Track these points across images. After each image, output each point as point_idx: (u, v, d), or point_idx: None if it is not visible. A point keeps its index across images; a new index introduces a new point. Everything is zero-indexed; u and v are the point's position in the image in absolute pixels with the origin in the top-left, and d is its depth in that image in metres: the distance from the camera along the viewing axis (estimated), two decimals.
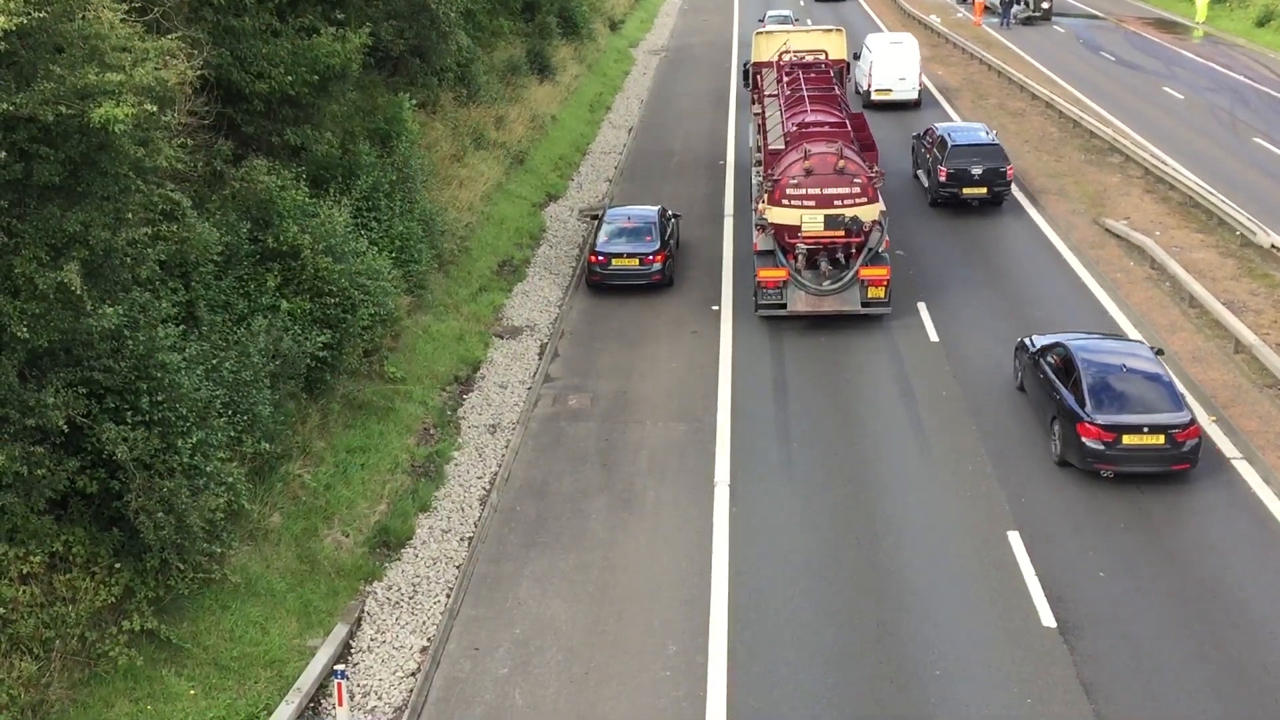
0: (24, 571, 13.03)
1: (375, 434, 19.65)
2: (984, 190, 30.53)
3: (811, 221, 23.08)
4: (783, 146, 25.12)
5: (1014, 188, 32.60)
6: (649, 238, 26.93)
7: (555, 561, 17.17)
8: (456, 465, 19.74)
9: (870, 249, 23.57)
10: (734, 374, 22.70)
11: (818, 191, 23.12)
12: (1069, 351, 19.30)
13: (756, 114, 31.18)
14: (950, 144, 30.84)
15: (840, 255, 23.63)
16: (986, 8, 63.88)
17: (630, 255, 26.45)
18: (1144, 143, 37.37)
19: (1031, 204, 32.02)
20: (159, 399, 14.17)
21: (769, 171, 24.68)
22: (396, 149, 24.45)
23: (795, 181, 23.24)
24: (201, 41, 18.39)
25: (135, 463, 13.68)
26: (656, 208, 28.22)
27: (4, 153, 12.06)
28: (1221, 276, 26.38)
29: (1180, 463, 18.23)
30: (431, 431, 20.62)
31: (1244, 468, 18.97)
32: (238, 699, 13.97)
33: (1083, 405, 18.35)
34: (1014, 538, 17.19)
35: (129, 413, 13.95)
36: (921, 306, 25.26)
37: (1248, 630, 15.22)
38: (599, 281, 26.70)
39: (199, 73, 17.68)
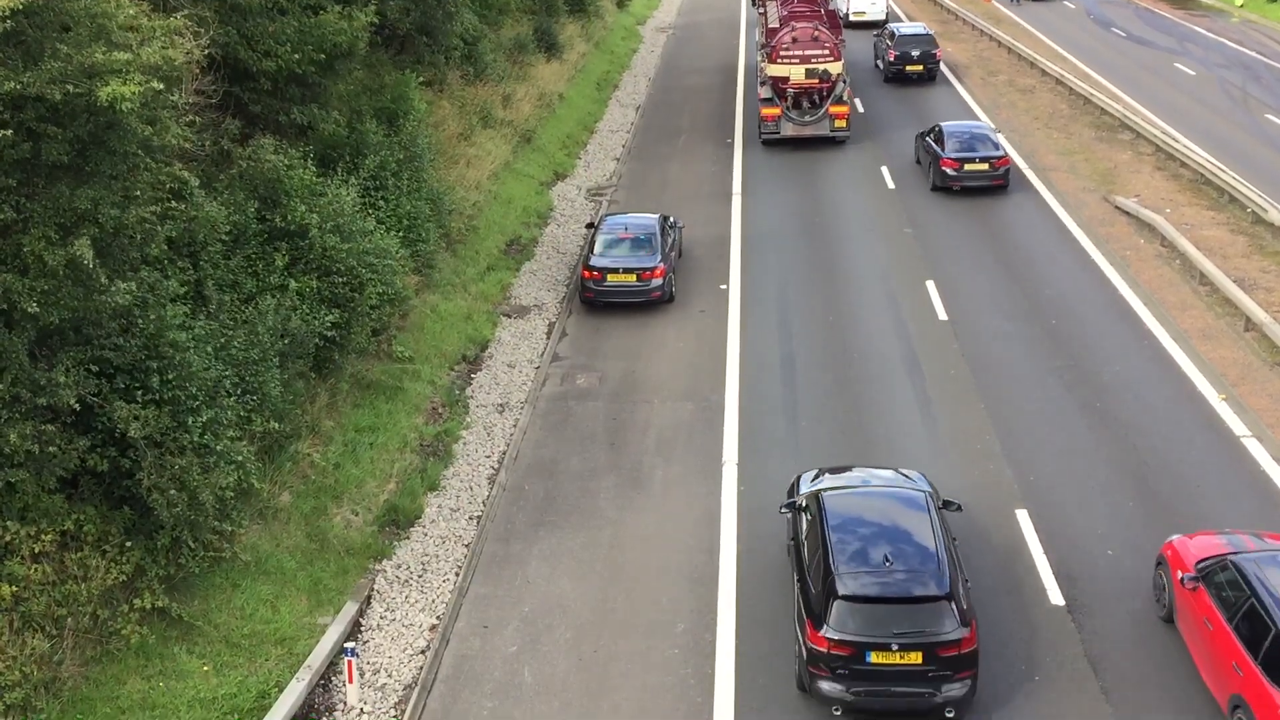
0: (36, 550, 13.10)
1: (384, 413, 19.68)
2: (921, 68, 42.61)
3: (797, 73, 34.31)
4: (778, 26, 36.12)
5: (1023, 164, 32.96)
6: (648, 250, 24.59)
7: (564, 540, 17.21)
8: (465, 444, 19.77)
9: (836, 94, 34.78)
10: (742, 353, 22.68)
11: (801, 53, 34.41)
12: (940, 128, 31.64)
13: (761, 14, 41.77)
14: (897, 35, 43.55)
15: (816, 97, 34.93)
16: None
17: (627, 270, 24.17)
18: (1155, 119, 37.16)
19: (1041, 181, 31.88)
20: (169, 377, 14.21)
21: (769, 41, 36.07)
22: (403, 128, 24.39)
23: (786, 46, 34.58)
24: (208, 20, 18.34)
25: (146, 441, 13.73)
26: (656, 216, 26.07)
27: (12, 132, 12.05)
28: (1232, 254, 26.25)
29: (996, 179, 30.30)
30: (440, 410, 20.65)
31: (1254, 445, 18.92)
32: (249, 676, 14.05)
33: (943, 150, 30.59)
34: (1022, 516, 17.19)
35: (140, 391, 14.00)
36: (930, 285, 25.20)
37: None
38: (593, 299, 24.44)
39: (206, 51, 17.65)
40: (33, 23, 12.48)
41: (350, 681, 14.06)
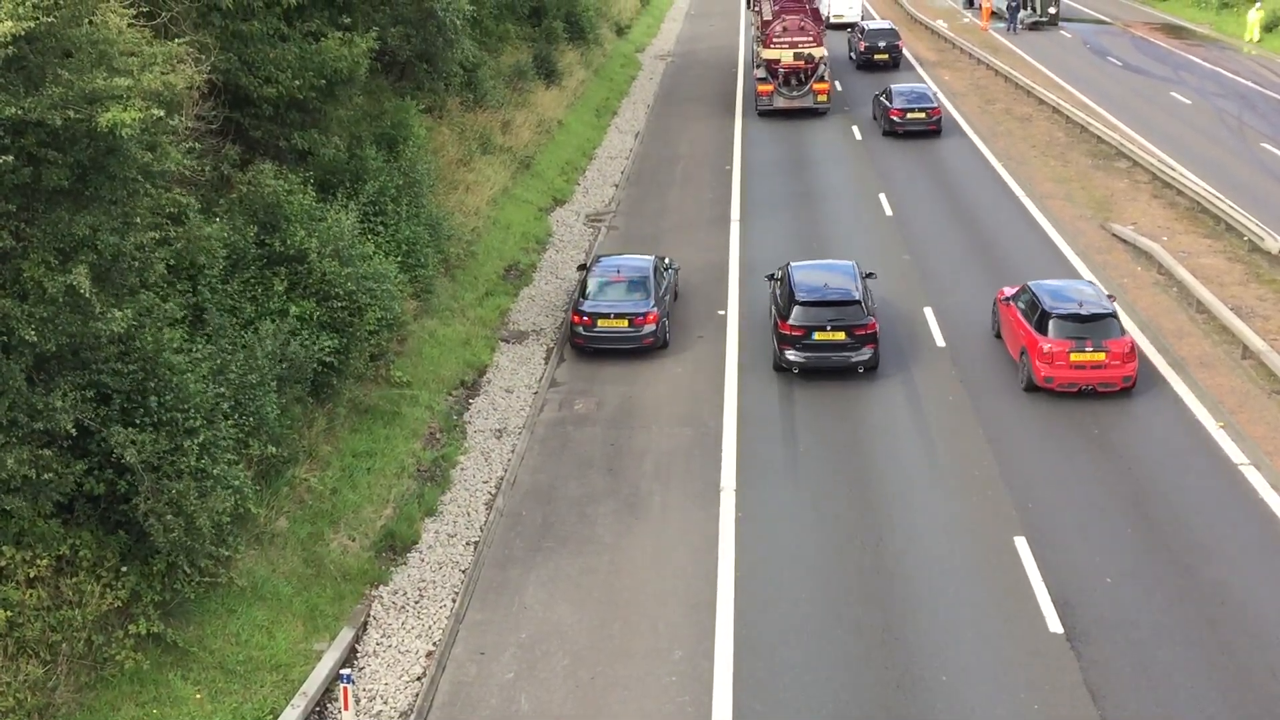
0: (31, 575, 13.04)
1: (381, 438, 19.66)
2: (886, 56, 50.86)
3: (786, 56, 42.50)
4: (771, 19, 43.45)
5: (1020, 192, 33.09)
6: (641, 294, 23.54)
7: (561, 566, 17.16)
8: (462, 470, 19.74)
9: (819, 74, 42.76)
10: (740, 378, 22.67)
11: (790, 40, 42.28)
12: (890, 88, 40.81)
13: (756, 10, 48.35)
14: (866, 29, 52.59)
15: (802, 75, 42.82)
16: (993, 13, 63.84)
17: (619, 315, 23.18)
18: (1151, 148, 37.32)
19: (1038, 209, 31.98)
20: (166, 399, 14.19)
21: (764, 32, 43.51)
22: (403, 154, 24.47)
23: (778, 35, 42.37)
24: (209, 46, 18.44)
25: (143, 465, 13.70)
26: (651, 258, 25.10)
27: (12, 157, 12.09)
28: (1229, 282, 26.31)
29: (930, 125, 39.12)
30: (437, 436, 20.62)
31: (1252, 473, 18.91)
32: (244, 703, 13.97)
33: (891, 104, 39.61)
34: (1020, 543, 17.15)
35: (138, 413, 13.97)
36: (928, 311, 25.22)
37: (1255, 635, 15.17)
38: (582, 345, 23.51)
39: (206, 77, 17.73)
40: (35, 48, 12.54)
41: (346, 709, 13.96)
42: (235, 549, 14.98)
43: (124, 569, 13.87)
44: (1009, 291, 23.64)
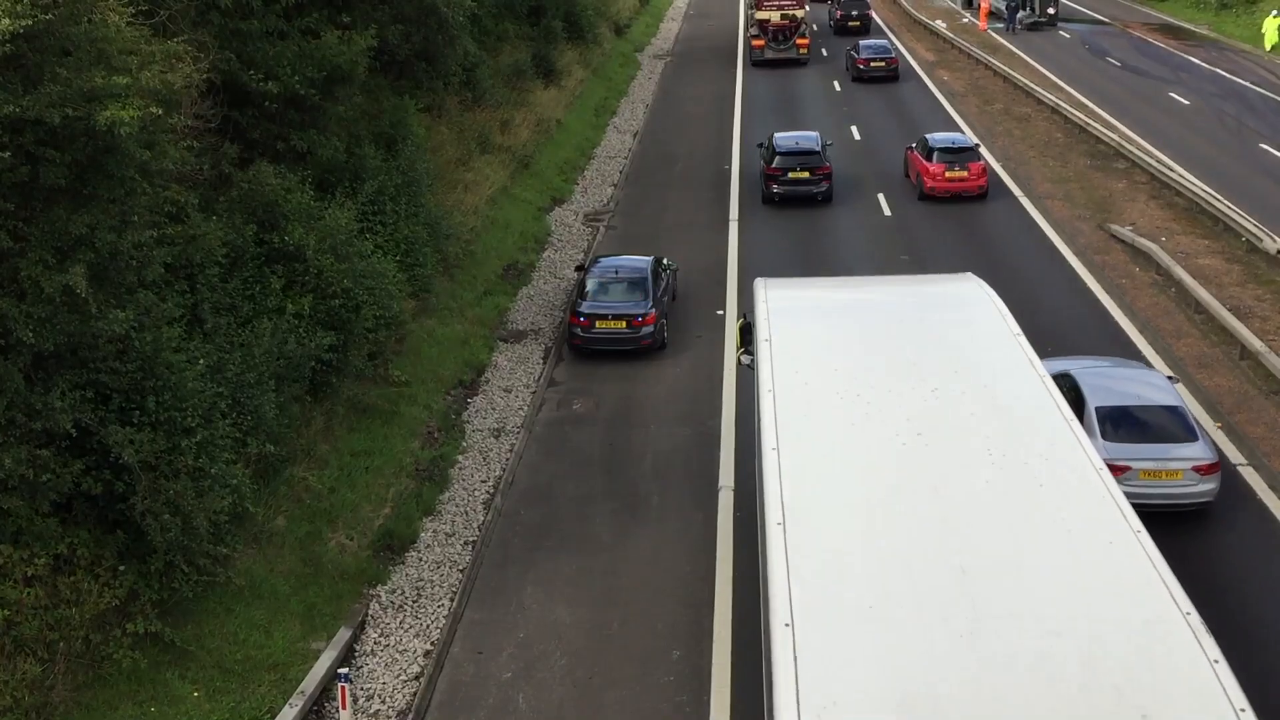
0: (28, 574, 13.04)
1: (379, 437, 19.66)
2: (859, 23, 61.21)
3: (775, 17, 53.33)
4: None
5: (1019, 192, 33.22)
6: (640, 295, 23.51)
7: (559, 566, 17.16)
8: (460, 469, 19.74)
9: (800, 31, 53.34)
10: (738, 377, 22.67)
11: (778, 3, 53.13)
12: (859, 43, 50.56)
13: None
14: (842, 0, 62.83)
15: (787, 32, 53.36)
16: (991, 12, 63.86)
17: (617, 316, 23.22)
18: (1150, 148, 37.33)
19: (1037, 209, 32.00)
20: (164, 398, 14.18)
21: None
22: (402, 153, 24.45)
23: None
24: (208, 44, 18.42)
25: (141, 465, 13.69)
26: (649, 259, 25.09)
27: (10, 155, 12.08)
28: (1227, 282, 26.32)
29: (889, 73, 48.76)
30: (435, 435, 20.62)
31: (1250, 474, 18.90)
32: (241, 702, 13.97)
33: (859, 55, 49.28)
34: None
35: (136, 413, 13.96)
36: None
37: (1256, 638, 15.15)
38: (580, 345, 23.63)
39: (205, 76, 17.72)
40: (33, 46, 12.54)
41: (343, 708, 13.97)
42: (233, 548, 14.98)
43: (122, 568, 13.87)
44: (913, 145, 34.54)
